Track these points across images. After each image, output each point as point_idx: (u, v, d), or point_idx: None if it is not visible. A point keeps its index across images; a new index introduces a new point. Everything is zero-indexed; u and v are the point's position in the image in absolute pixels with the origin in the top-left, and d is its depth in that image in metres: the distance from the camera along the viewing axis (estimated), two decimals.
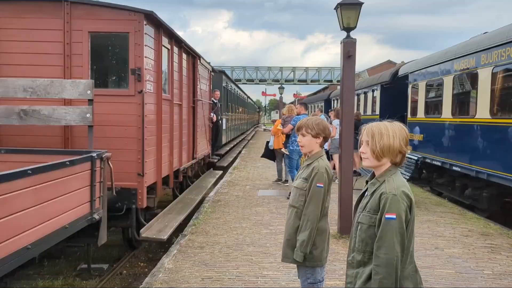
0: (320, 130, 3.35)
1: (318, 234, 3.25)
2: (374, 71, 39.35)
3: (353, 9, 6.59)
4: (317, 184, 3.23)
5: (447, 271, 5.33)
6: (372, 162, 2.36)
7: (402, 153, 2.34)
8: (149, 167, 6.50)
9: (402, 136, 2.32)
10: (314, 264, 3.27)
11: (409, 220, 2.28)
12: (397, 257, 2.20)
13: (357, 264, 2.38)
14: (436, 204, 9.36)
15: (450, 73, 10.12)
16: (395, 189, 2.26)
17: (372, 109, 17.09)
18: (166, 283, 4.81)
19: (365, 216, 2.35)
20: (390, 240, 2.21)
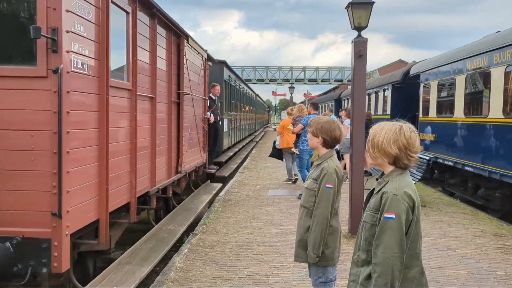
0: (317, 130, 3.36)
1: (329, 234, 3.26)
2: (385, 71, 39.13)
3: (364, 8, 6.56)
4: (326, 185, 3.23)
5: (459, 272, 5.29)
6: (371, 160, 2.43)
7: (394, 155, 2.30)
8: (77, 200, 4.05)
9: (393, 138, 2.29)
10: (325, 264, 3.27)
11: (411, 221, 2.25)
12: (394, 256, 2.19)
13: (361, 262, 2.39)
14: (448, 205, 9.28)
15: (463, 72, 10.03)
16: (396, 189, 2.25)
17: (383, 109, 16.99)
18: (177, 282, 4.84)
19: (368, 214, 2.36)
20: (388, 240, 2.20)
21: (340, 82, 48.99)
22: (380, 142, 2.32)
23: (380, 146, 2.32)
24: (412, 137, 2.31)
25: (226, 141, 15.18)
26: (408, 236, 2.24)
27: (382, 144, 2.31)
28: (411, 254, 2.27)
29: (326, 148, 3.38)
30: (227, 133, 15.02)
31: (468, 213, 8.50)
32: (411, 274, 2.28)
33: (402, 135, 2.29)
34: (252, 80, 47.80)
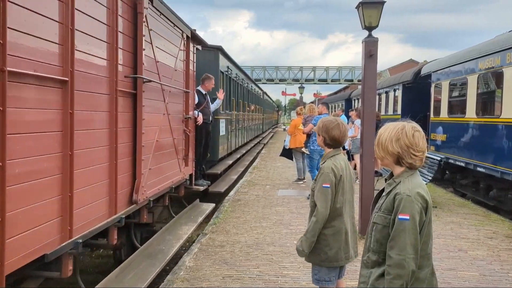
0: (319, 129, 3.44)
1: (331, 235, 3.25)
2: (395, 70, 38.90)
3: (375, 8, 6.53)
4: (323, 184, 3.25)
5: (471, 274, 5.24)
6: (378, 160, 2.45)
7: (396, 155, 2.31)
8: None
9: (395, 137, 2.31)
10: (324, 264, 3.28)
11: (424, 222, 2.25)
12: (409, 258, 2.19)
13: (372, 264, 2.38)
14: (460, 206, 9.20)
15: (475, 72, 9.93)
16: (409, 190, 2.24)
17: (394, 109, 16.89)
18: (187, 281, 4.86)
19: (380, 216, 2.35)
20: (403, 241, 2.20)
21: (350, 82, 48.78)
22: (383, 141, 2.35)
23: (384, 145, 2.35)
24: (415, 136, 2.31)
25: (224, 147, 11.91)
26: (420, 237, 2.24)
27: (385, 143, 2.34)
28: (423, 254, 2.26)
29: (328, 148, 3.40)
30: (225, 136, 11.84)
31: (480, 214, 8.41)
32: (422, 275, 2.28)
33: (404, 134, 2.31)
34: (262, 80, 47.79)
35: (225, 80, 12.32)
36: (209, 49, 10.32)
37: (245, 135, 18.03)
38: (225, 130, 11.83)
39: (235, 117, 14.48)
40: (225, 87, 11.85)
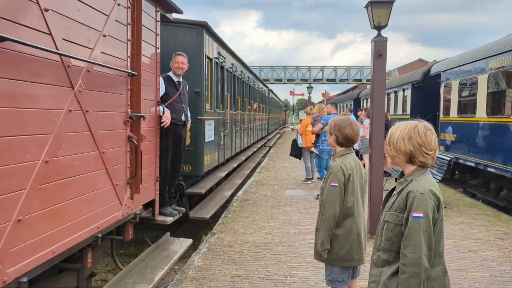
0: (331, 128, 3.43)
1: (343, 234, 3.24)
2: (404, 70, 38.67)
3: (384, 7, 6.50)
4: (331, 183, 3.25)
5: (481, 274, 5.20)
6: (390, 160, 2.46)
7: (409, 153, 2.32)
8: None
9: (407, 136, 2.32)
10: (336, 264, 3.27)
11: (436, 220, 2.25)
12: (424, 256, 2.18)
13: (382, 263, 2.37)
14: (470, 206, 9.12)
15: (485, 71, 9.84)
16: (422, 188, 2.25)
17: (403, 108, 16.80)
18: (196, 281, 4.88)
19: (391, 214, 2.35)
20: (417, 239, 2.19)
21: (358, 81, 48.59)
22: (395, 140, 2.36)
23: (396, 144, 2.35)
24: (428, 134, 2.32)
25: (213, 157, 8.96)
26: (433, 236, 2.24)
27: (397, 141, 2.35)
28: (434, 253, 2.26)
29: (340, 147, 3.39)
30: (214, 143, 8.93)
31: (490, 215, 8.34)
32: (434, 273, 2.27)
33: (416, 132, 2.32)
34: (270, 80, 47.77)
35: (215, 69, 9.16)
36: (189, 26, 7.60)
37: (245, 139, 15.18)
38: (215, 134, 8.92)
39: (231, 117, 11.51)
40: (215, 78, 9.19)
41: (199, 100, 7.69)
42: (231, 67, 11.56)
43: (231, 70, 11.73)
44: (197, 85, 7.51)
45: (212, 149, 8.83)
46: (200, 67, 7.72)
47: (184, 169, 7.28)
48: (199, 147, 7.79)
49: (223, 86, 10.54)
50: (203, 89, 7.81)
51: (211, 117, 8.64)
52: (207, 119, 8.18)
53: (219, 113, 9.74)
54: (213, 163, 9.13)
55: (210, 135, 8.50)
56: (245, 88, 15.26)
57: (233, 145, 12.12)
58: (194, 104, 7.27)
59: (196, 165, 7.80)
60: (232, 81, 12.19)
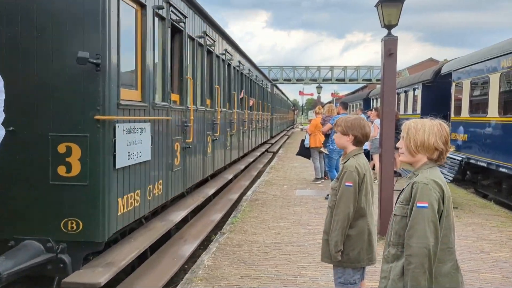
0: (347, 127, 3.32)
1: (355, 235, 3.21)
2: (415, 69, 38.41)
3: (394, 6, 6.46)
4: (346, 183, 3.20)
5: (493, 276, 5.14)
6: (407, 157, 2.41)
7: (439, 150, 2.33)
8: None
9: (438, 133, 2.32)
10: (346, 265, 3.23)
11: (442, 212, 2.24)
12: (429, 245, 2.16)
13: (391, 258, 2.37)
14: (481, 207, 9.03)
15: (497, 70, 9.74)
16: (426, 179, 2.26)
17: (413, 108, 16.70)
18: (206, 280, 4.89)
19: (398, 207, 2.36)
20: (422, 229, 2.17)
21: (368, 81, 48.33)
22: (426, 139, 2.32)
23: (427, 143, 2.32)
24: (449, 132, 2.38)
25: (143, 197, 4.98)
26: (440, 229, 2.22)
27: (429, 140, 2.31)
28: (444, 248, 2.23)
29: (355, 146, 3.34)
30: (155, 163, 5.32)
31: (503, 216, 8.24)
32: (445, 269, 2.24)
33: (444, 130, 2.34)
34: (279, 80, 47.72)
35: (162, 33, 5.82)
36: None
37: (236, 147, 11.44)
38: (162, 147, 5.59)
39: (208, 116, 8.35)
40: (173, 52, 6.51)
41: (99, 80, 3.95)
42: (211, 44, 8.64)
43: (211, 48, 8.65)
44: (91, 46, 3.93)
45: (141, 181, 4.91)
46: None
47: (69, 227, 3.97)
48: (96, 180, 3.99)
49: (193, 67, 7.42)
50: (106, 57, 3.98)
51: (150, 117, 5.09)
52: (140, 120, 4.78)
53: (177, 110, 6.29)
54: (151, 204, 5.24)
55: (146, 151, 4.90)
56: (235, 76, 11.32)
57: (213, 160, 8.62)
58: (80, 88, 3.94)
59: (92, 220, 4.01)
60: (212, 64, 8.89)
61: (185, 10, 6.80)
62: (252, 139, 15.37)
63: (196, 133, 7.29)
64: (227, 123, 10.39)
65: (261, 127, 18.15)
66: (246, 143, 13.74)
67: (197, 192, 7.80)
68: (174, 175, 6.17)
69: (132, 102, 4.70)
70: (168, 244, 5.76)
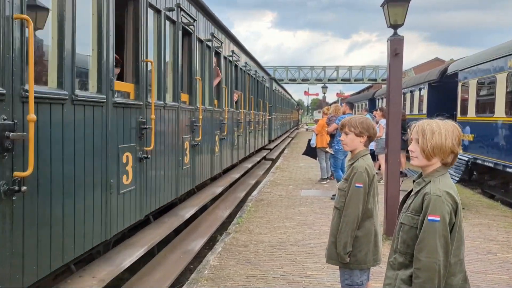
0: (363, 129, 3.30)
1: (362, 236, 3.20)
2: (420, 69, 38.25)
3: (400, 6, 6.44)
4: (356, 184, 3.19)
5: (501, 277, 5.11)
6: (422, 161, 2.27)
7: (454, 153, 2.24)
8: None
9: (454, 135, 2.22)
10: (354, 267, 3.22)
11: (454, 224, 2.17)
12: (439, 261, 2.11)
13: (398, 266, 2.31)
14: (488, 207, 8.97)
15: (504, 70, 9.68)
16: (439, 190, 2.16)
17: (419, 108, 16.63)
18: (212, 280, 4.89)
19: (407, 216, 2.28)
20: (433, 243, 2.12)
21: (373, 81, 48.20)
22: (443, 141, 2.20)
23: (445, 146, 2.20)
24: (461, 132, 2.30)
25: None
26: (451, 240, 2.16)
27: (446, 143, 2.20)
28: (455, 261, 2.18)
29: (365, 146, 3.34)
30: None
31: (510, 216, 8.19)
32: (455, 282, 2.20)
33: (458, 131, 2.25)
34: (284, 80, 47.70)
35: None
36: None
37: (205, 166, 8.11)
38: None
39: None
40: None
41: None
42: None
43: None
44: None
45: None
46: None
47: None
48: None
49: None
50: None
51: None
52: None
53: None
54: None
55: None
56: (205, 63, 8.14)
57: (167, 188, 5.97)
58: None
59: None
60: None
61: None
62: (239, 151, 11.68)
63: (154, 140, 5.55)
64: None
65: (255, 130, 14.56)
66: (231, 155, 10.72)
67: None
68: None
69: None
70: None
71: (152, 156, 5.25)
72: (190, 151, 6.95)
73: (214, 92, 9.02)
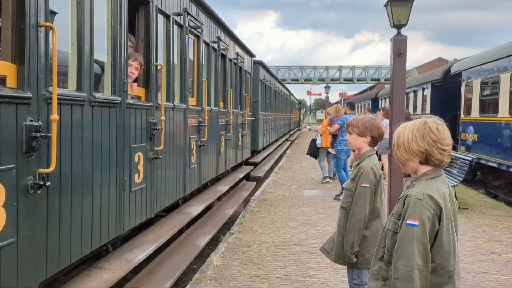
0: (365, 129, 3.28)
1: (370, 236, 3.19)
2: (423, 69, 38.18)
3: (404, 6, 6.42)
4: (363, 184, 3.19)
5: (505, 277, 5.09)
6: (403, 168, 2.19)
7: (424, 152, 2.08)
8: None
9: (419, 134, 2.08)
10: (364, 266, 3.22)
11: (437, 232, 1.99)
12: (417, 269, 1.95)
13: (383, 276, 2.14)
14: (492, 207, 8.95)
15: (508, 70, 9.65)
16: (421, 193, 2.01)
17: (422, 108, 16.60)
18: (215, 280, 4.89)
19: (391, 221, 2.13)
20: (410, 250, 1.96)
21: (376, 81, 48.15)
22: (406, 141, 2.11)
23: (407, 146, 2.10)
24: (440, 129, 2.09)
25: None
26: (434, 248, 1.99)
27: (408, 142, 2.10)
28: (442, 273, 2.01)
29: (370, 147, 3.33)
30: None
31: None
32: None
33: (428, 129, 2.08)
34: (287, 80, 47.69)
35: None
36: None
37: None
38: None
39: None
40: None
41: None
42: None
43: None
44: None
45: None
46: None
47: None
48: None
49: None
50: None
51: None
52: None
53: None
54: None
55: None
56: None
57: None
58: None
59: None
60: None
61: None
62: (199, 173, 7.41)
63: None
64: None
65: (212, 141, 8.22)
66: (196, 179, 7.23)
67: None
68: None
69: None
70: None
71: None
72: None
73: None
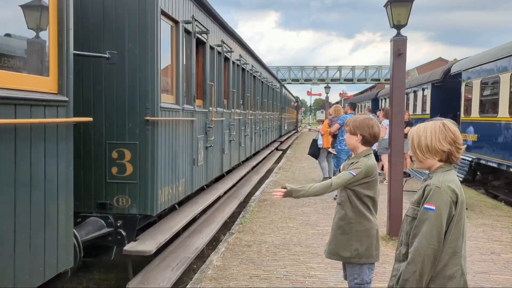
0: (355, 127, 3.30)
1: (362, 230, 3.23)
2: (424, 69, 38.19)
3: (404, 6, 6.44)
4: (350, 170, 3.23)
5: (505, 277, 5.10)
6: (419, 164, 2.43)
7: (446, 152, 2.32)
8: None
9: (442, 135, 2.32)
10: (361, 261, 3.24)
11: (453, 216, 2.23)
12: (428, 247, 2.18)
13: (402, 257, 2.39)
14: (492, 207, 8.96)
15: (507, 70, 9.66)
16: (440, 182, 2.24)
17: (422, 108, 16.60)
18: (215, 280, 4.90)
19: (410, 208, 2.38)
20: (425, 230, 2.20)
21: (377, 81, 48.13)
22: (429, 143, 2.33)
23: (431, 147, 2.33)
24: (456, 130, 2.36)
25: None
26: (448, 232, 2.22)
27: (432, 144, 2.32)
28: (451, 251, 2.23)
29: (364, 146, 3.33)
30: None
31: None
32: (449, 272, 2.24)
33: (448, 130, 2.33)
34: (287, 80, 47.68)
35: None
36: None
37: None
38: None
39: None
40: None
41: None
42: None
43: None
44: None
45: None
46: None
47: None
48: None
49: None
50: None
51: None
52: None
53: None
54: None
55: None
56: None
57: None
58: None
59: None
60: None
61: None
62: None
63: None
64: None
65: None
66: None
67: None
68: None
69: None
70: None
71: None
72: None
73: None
